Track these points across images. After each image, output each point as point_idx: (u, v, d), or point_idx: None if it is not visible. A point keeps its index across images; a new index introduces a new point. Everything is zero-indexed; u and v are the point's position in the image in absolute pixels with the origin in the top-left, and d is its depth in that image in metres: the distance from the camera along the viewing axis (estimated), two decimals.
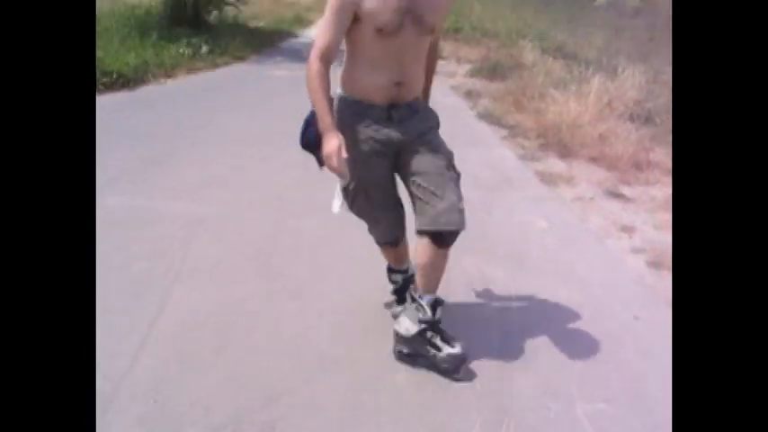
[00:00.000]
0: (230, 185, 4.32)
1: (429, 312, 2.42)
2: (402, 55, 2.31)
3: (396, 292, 2.83)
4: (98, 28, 9.91)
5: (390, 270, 2.85)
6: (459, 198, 2.33)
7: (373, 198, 2.52)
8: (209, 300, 2.85)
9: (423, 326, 2.42)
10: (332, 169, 2.24)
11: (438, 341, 2.43)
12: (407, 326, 2.45)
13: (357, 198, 2.53)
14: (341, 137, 2.23)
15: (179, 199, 4.00)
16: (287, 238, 3.52)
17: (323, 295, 2.93)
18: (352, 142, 2.32)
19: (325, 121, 2.24)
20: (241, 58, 9.66)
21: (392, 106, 2.37)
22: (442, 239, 2.34)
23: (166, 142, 5.26)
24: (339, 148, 2.19)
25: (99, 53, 7.73)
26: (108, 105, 6.50)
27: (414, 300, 2.47)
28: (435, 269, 2.42)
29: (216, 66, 9.02)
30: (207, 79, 8.33)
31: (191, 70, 8.54)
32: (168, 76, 8.12)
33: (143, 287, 2.93)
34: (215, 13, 11.54)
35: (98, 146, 4.58)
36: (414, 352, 2.46)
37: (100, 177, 4.20)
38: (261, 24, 13.45)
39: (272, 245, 3.43)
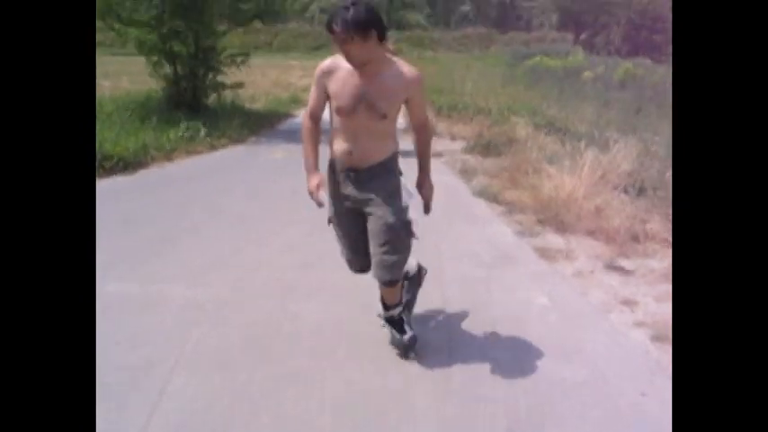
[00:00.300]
0: (230, 269, 4.32)
1: (381, 310, 3.19)
2: (356, 132, 2.83)
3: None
4: (99, 113, 10.17)
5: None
6: (387, 253, 2.88)
7: (342, 238, 3.10)
8: (209, 387, 2.81)
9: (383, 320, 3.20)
10: (314, 201, 2.94)
11: (393, 331, 3.14)
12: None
13: (335, 232, 3.13)
14: (322, 175, 2.94)
15: (179, 283, 4.00)
16: (287, 322, 3.49)
17: (325, 381, 2.89)
18: (331, 193, 2.99)
19: (309, 163, 2.97)
20: (239, 141, 9.82)
21: (350, 169, 2.89)
22: (381, 284, 3.02)
23: (166, 226, 5.29)
24: (318, 185, 2.89)
25: (99, 137, 7.89)
26: (108, 189, 6.58)
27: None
28: (388, 295, 3.11)
29: (214, 148, 9.13)
30: (206, 162, 8.43)
31: (190, 153, 8.64)
32: (168, 159, 8.22)
33: (142, 375, 2.89)
34: (213, 96, 11.82)
35: (97, 230, 4.61)
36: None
37: (98, 262, 4.20)
38: (258, 106, 13.74)
39: (273, 329, 3.40)
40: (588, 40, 37.89)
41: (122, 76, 17.03)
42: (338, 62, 2.77)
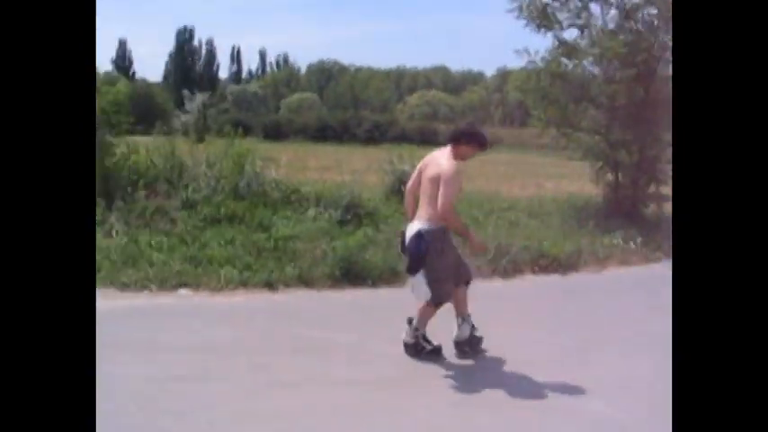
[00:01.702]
0: (643, 390, 4.17)
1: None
2: None
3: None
4: (540, 212, 11.00)
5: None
6: None
7: None
8: None
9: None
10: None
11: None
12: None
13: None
14: None
15: (595, 397, 4.12)
16: None
17: None
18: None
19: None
20: None
21: None
22: None
23: (588, 333, 5.43)
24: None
25: (538, 235, 8.73)
26: (541, 287, 7.05)
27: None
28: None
29: (648, 261, 8.80)
30: (638, 275, 8.16)
31: (622, 263, 8.57)
32: (600, 265, 8.32)
33: None
34: (652, 206, 11.60)
35: (525, 330, 4.92)
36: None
37: (534, 360, 4.52)
38: None
39: None
40: None
41: (563, 179, 17.97)
42: None
